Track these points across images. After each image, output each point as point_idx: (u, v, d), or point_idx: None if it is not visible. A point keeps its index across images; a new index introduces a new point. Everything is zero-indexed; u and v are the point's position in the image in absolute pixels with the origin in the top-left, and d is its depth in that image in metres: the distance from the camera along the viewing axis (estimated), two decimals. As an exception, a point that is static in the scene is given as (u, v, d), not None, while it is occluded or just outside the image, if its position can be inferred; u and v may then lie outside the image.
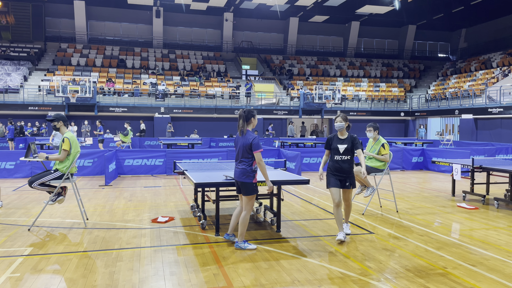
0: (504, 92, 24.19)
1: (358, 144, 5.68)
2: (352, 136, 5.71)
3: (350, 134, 5.75)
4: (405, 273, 4.55)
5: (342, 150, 5.65)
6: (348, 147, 5.66)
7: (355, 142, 5.68)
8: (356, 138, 5.70)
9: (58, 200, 6.53)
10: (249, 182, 5.23)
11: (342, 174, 5.66)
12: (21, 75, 27.58)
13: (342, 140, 5.71)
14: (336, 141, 5.73)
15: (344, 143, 5.69)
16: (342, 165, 5.65)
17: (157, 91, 27.53)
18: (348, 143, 5.67)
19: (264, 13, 34.38)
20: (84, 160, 12.73)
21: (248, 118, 5.30)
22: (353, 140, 5.70)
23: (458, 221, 7.00)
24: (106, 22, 34.36)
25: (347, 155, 5.67)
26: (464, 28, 38.68)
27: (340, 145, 5.67)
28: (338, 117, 5.69)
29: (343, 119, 5.70)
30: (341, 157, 5.65)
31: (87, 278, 4.35)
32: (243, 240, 5.36)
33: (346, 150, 5.66)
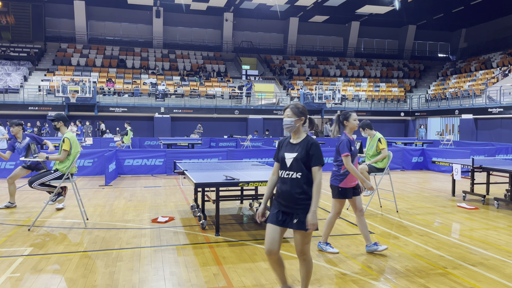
0: (504, 92, 24.19)
1: (315, 156, 3.45)
2: (310, 141, 3.52)
3: (309, 137, 3.57)
4: (405, 273, 4.55)
5: (289, 162, 3.49)
6: (299, 158, 3.46)
7: (311, 152, 3.46)
8: (315, 144, 3.51)
9: (58, 200, 6.53)
10: (335, 185, 5.14)
11: (286, 203, 3.47)
12: (21, 75, 27.58)
13: (292, 146, 3.57)
14: (285, 147, 3.62)
15: (294, 150, 3.53)
16: (288, 188, 3.46)
17: (157, 91, 27.53)
18: (300, 152, 3.48)
19: (264, 13, 34.39)
20: (84, 160, 12.73)
21: (341, 121, 5.18)
22: (310, 147, 3.48)
23: (458, 221, 7.00)
24: (106, 22, 34.36)
25: (297, 170, 3.45)
26: (464, 28, 38.69)
27: (287, 154, 3.53)
28: (287, 109, 3.63)
29: (294, 113, 3.59)
30: (288, 173, 3.49)
31: (87, 278, 4.35)
32: (325, 242, 5.26)
33: (296, 162, 3.47)
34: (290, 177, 3.49)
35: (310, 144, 3.51)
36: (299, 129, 3.62)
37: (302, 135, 3.63)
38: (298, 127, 3.61)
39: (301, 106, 3.66)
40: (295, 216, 3.43)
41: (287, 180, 3.50)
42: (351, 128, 5.13)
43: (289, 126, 3.59)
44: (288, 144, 3.65)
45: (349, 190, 5.10)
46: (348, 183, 5.07)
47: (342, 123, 5.17)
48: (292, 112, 3.59)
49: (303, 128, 3.65)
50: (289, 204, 3.47)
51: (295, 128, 3.59)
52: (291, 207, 3.46)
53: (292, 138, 3.66)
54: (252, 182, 5.82)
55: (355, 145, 5.15)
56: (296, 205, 3.44)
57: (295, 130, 3.60)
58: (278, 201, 3.56)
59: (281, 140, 3.75)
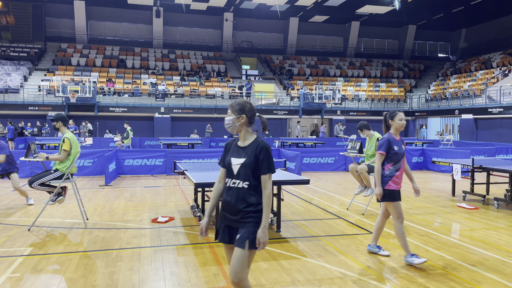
0: (504, 92, 24.19)
1: (265, 162, 2.96)
2: (260, 144, 3.02)
3: (259, 140, 3.06)
4: (405, 273, 4.55)
5: (236, 169, 3.01)
6: (247, 164, 2.98)
7: (261, 157, 2.97)
8: (265, 148, 2.99)
9: (58, 200, 6.53)
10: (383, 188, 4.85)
11: (231, 217, 3.01)
12: (21, 75, 27.58)
13: (240, 150, 3.08)
14: (233, 151, 3.13)
15: (241, 155, 3.04)
16: (233, 199, 2.99)
17: (157, 91, 27.54)
18: (248, 157, 3.00)
19: (264, 13, 34.39)
20: (84, 160, 12.73)
21: (387, 120, 5.00)
22: (260, 151, 2.99)
23: (458, 221, 7.00)
24: (106, 22, 34.36)
25: (244, 179, 2.98)
26: (464, 28, 38.69)
27: (234, 159, 3.05)
28: (229, 107, 3.14)
29: (234, 110, 3.10)
30: (235, 182, 3.01)
31: (87, 278, 4.35)
32: (409, 254, 4.80)
33: (243, 169, 2.99)
34: (236, 186, 3.01)
35: (260, 147, 3.00)
36: (242, 129, 3.12)
37: (250, 137, 3.12)
38: (239, 127, 3.10)
39: (242, 103, 3.14)
40: (239, 232, 2.96)
41: (233, 189, 3.02)
42: (396, 128, 4.94)
43: (228, 125, 3.13)
44: (235, 148, 3.14)
45: (396, 191, 4.84)
46: (394, 185, 4.83)
47: (388, 122, 5.00)
48: (231, 109, 3.13)
49: (249, 128, 3.15)
50: (234, 217, 3.00)
51: (236, 128, 3.10)
52: (236, 221, 2.99)
53: (240, 140, 3.15)
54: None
55: (402, 145, 4.91)
56: (242, 219, 2.97)
57: (239, 131, 3.12)
58: (223, 214, 3.10)
59: (229, 142, 3.23)
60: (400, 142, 4.91)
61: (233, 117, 3.10)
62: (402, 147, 4.91)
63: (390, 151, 4.82)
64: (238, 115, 3.08)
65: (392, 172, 4.83)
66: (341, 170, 14.42)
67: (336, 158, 14.50)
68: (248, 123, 3.12)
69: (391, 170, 4.83)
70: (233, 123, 3.11)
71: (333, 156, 14.51)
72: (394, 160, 4.82)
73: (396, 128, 4.94)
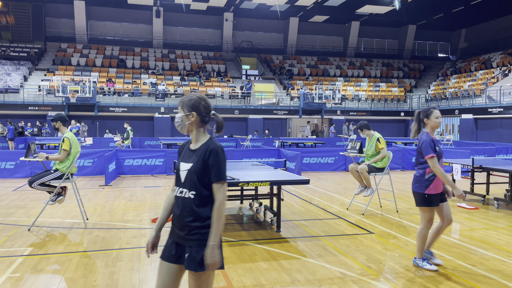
0: (504, 92, 24.19)
1: (215, 168, 2.55)
2: (210, 146, 2.60)
3: (210, 141, 2.64)
4: (405, 273, 4.55)
5: (184, 176, 2.62)
6: (193, 170, 2.58)
7: (210, 162, 2.56)
8: (215, 151, 2.58)
9: (58, 200, 6.53)
10: (420, 192, 4.56)
11: (178, 232, 2.62)
12: (21, 75, 27.58)
13: (190, 154, 2.68)
14: (184, 154, 2.74)
15: (190, 159, 2.64)
16: (179, 212, 2.61)
17: (157, 91, 27.54)
18: (196, 161, 2.60)
19: (264, 13, 34.39)
20: (84, 160, 12.73)
21: (422, 119, 4.70)
22: (209, 155, 2.57)
23: (458, 221, 7.00)
24: (106, 22, 34.36)
25: (190, 188, 2.58)
26: (464, 28, 38.69)
27: (183, 164, 2.66)
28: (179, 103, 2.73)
29: (184, 106, 2.69)
30: (182, 191, 2.62)
31: (87, 278, 4.35)
32: (421, 258, 4.71)
33: (190, 176, 2.59)
34: (182, 196, 2.60)
35: (209, 151, 2.57)
36: (194, 129, 2.68)
37: (202, 138, 2.68)
38: (190, 126, 2.68)
39: (194, 98, 2.68)
40: (187, 250, 2.54)
41: (180, 199, 2.62)
42: (432, 127, 4.65)
43: (178, 124, 2.72)
44: (187, 151, 2.73)
45: (435, 196, 4.54)
46: (435, 189, 4.52)
47: (423, 121, 4.70)
48: (180, 106, 2.70)
49: (203, 128, 2.70)
50: (181, 233, 2.58)
51: (186, 127, 2.68)
52: (182, 238, 2.57)
53: (192, 142, 2.73)
54: (252, 182, 5.82)
55: (439, 145, 4.65)
56: (187, 235, 2.54)
57: (190, 131, 2.70)
58: (172, 228, 2.70)
59: (183, 144, 2.83)
60: (438, 141, 4.64)
61: (182, 114, 2.68)
62: (440, 147, 4.66)
63: None
64: (188, 113, 2.66)
65: (432, 176, 4.53)
66: (341, 170, 14.42)
67: (336, 158, 14.50)
68: (200, 122, 2.68)
69: (431, 173, 4.53)
70: (182, 121, 2.69)
71: (333, 156, 14.51)
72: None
73: (432, 127, 4.65)
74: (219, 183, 2.55)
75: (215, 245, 2.47)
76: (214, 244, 2.47)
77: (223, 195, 2.56)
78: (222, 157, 2.59)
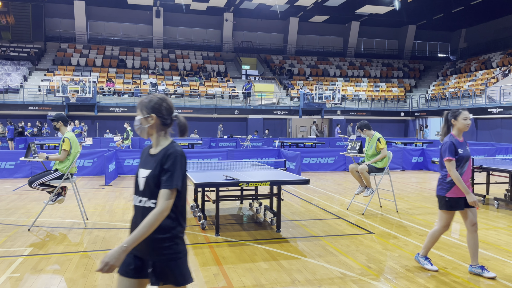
0: (504, 92, 24.19)
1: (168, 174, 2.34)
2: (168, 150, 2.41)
3: (170, 146, 2.45)
4: (405, 273, 4.55)
5: (142, 183, 2.45)
6: (152, 176, 2.39)
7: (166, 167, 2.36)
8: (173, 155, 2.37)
9: (58, 200, 6.53)
10: (441, 194, 4.46)
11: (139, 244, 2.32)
12: (21, 75, 27.58)
13: (149, 159, 2.50)
14: (143, 160, 2.56)
15: (149, 165, 2.46)
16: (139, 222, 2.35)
17: (157, 91, 27.53)
18: (155, 167, 2.41)
19: (264, 13, 34.39)
20: (84, 160, 12.73)
21: (449, 120, 4.55)
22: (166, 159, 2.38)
23: (458, 221, 7.00)
24: (106, 22, 34.36)
25: (151, 196, 2.39)
26: (464, 28, 38.69)
27: (142, 170, 2.49)
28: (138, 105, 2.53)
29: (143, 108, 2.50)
30: (140, 199, 2.44)
31: (87, 278, 4.35)
32: (424, 256, 4.69)
33: (148, 183, 2.41)
34: (142, 205, 2.40)
35: (167, 155, 2.38)
36: (154, 132, 2.48)
37: (163, 142, 2.48)
38: (150, 130, 2.48)
39: (154, 100, 2.48)
40: (149, 265, 2.37)
41: (139, 210, 2.42)
42: (459, 129, 4.48)
43: (137, 127, 2.52)
44: (146, 156, 2.53)
45: (459, 200, 4.39)
46: (456, 193, 4.38)
47: (450, 122, 4.55)
48: (139, 107, 2.50)
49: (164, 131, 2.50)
50: (141, 246, 2.33)
51: (146, 130, 2.48)
52: (143, 251, 2.37)
53: (152, 147, 2.54)
54: (252, 182, 5.82)
55: (466, 147, 4.47)
56: (149, 248, 2.34)
57: (150, 134, 2.49)
58: None
59: (145, 149, 2.62)
60: (463, 143, 4.48)
61: (141, 117, 2.48)
62: (467, 149, 4.48)
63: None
64: (147, 115, 2.46)
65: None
66: (341, 170, 14.42)
67: (336, 158, 14.50)
68: (161, 125, 2.48)
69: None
70: (141, 124, 2.49)
71: (333, 156, 14.51)
72: (458, 165, 4.40)
73: (459, 129, 4.49)
74: (167, 190, 2.31)
75: (126, 247, 2.22)
76: (125, 246, 2.22)
77: (167, 205, 2.30)
78: (180, 163, 2.37)
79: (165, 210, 2.30)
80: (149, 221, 2.26)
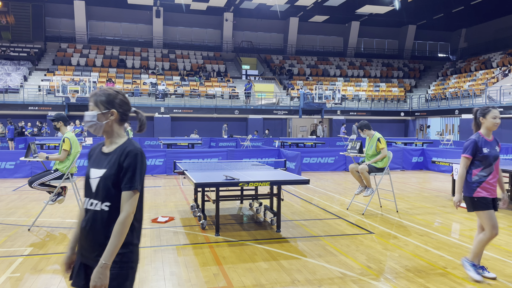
0: (504, 92, 24.19)
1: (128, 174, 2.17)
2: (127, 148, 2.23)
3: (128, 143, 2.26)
4: (405, 273, 4.55)
5: (95, 184, 2.24)
6: (107, 177, 2.20)
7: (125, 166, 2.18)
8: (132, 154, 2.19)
9: (58, 200, 6.53)
10: (468, 195, 4.29)
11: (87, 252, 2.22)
12: (21, 75, 27.59)
13: (103, 158, 2.29)
14: (94, 159, 2.34)
15: (103, 164, 2.25)
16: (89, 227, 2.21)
17: (157, 91, 27.54)
18: (110, 166, 2.22)
19: (264, 13, 34.39)
20: (84, 160, 12.72)
21: (478, 118, 4.43)
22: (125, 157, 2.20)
23: (458, 221, 7.00)
24: (106, 22, 34.36)
25: (104, 199, 2.20)
26: (464, 28, 38.69)
27: (94, 170, 2.27)
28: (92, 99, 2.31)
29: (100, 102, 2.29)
30: (92, 202, 2.23)
31: (87, 278, 4.34)
32: (472, 262, 4.37)
33: (103, 183, 2.21)
34: (93, 208, 2.19)
35: (126, 153, 2.19)
36: (110, 129, 2.29)
37: (118, 139, 2.28)
38: (107, 126, 2.27)
39: (111, 93, 2.29)
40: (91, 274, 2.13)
41: (89, 214, 2.20)
42: (488, 127, 4.33)
43: (91, 124, 2.27)
44: (98, 154, 2.31)
45: (486, 200, 4.21)
46: (484, 192, 4.21)
47: (479, 120, 4.41)
48: (94, 101, 2.27)
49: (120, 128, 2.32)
50: (91, 254, 2.16)
51: (102, 128, 2.26)
52: (93, 260, 2.14)
53: (105, 144, 2.34)
54: (252, 182, 5.83)
55: (495, 146, 4.31)
56: (100, 257, 2.11)
57: (106, 131, 2.29)
58: (79, 248, 2.26)
59: (94, 147, 2.40)
60: (493, 143, 4.33)
61: (97, 112, 2.26)
62: (496, 149, 4.31)
63: (477, 154, 4.26)
64: (106, 110, 2.26)
65: (481, 178, 4.27)
66: (341, 170, 14.43)
67: (336, 158, 14.50)
68: (119, 120, 2.31)
69: (480, 175, 4.27)
70: (98, 121, 2.26)
71: (333, 156, 14.51)
72: (484, 164, 4.27)
73: (488, 128, 4.35)
74: (130, 192, 2.15)
75: (107, 264, 2.07)
76: (106, 264, 2.07)
77: (132, 207, 2.15)
78: (141, 162, 2.20)
79: (132, 213, 2.16)
80: (119, 230, 2.12)
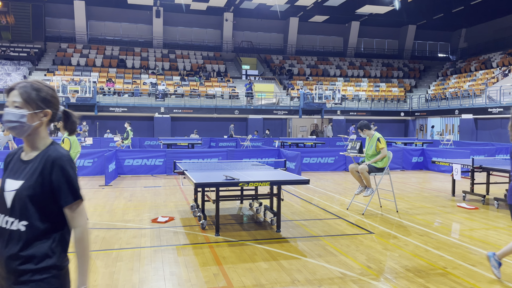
0: (504, 92, 24.19)
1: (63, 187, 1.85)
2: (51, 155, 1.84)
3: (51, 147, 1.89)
4: (405, 273, 4.55)
5: (10, 198, 1.82)
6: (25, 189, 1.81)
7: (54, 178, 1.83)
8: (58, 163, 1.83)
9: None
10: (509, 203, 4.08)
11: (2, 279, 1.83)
12: (21, 75, 27.59)
13: (21, 167, 1.88)
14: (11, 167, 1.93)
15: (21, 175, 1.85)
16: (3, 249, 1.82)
17: (157, 91, 27.54)
18: (29, 177, 1.83)
19: (264, 13, 34.39)
20: (84, 160, 12.73)
21: None
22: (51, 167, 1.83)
23: (458, 221, 7.00)
24: (106, 22, 34.37)
25: (22, 216, 1.80)
26: (464, 28, 38.69)
27: (10, 182, 1.86)
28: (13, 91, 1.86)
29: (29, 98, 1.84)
30: (7, 220, 1.82)
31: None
32: (500, 261, 4.28)
33: (19, 198, 1.81)
34: (8, 227, 1.81)
35: (51, 163, 1.82)
36: (37, 132, 1.89)
37: (41, 143, 1.90)
38: (34, 128, 1.87)
39: (44, 88, 1.88)
40: None
41: (4, 233, 1.82)
42: None
43: (15, 126, 1.83)
44: (16, 162, 1.92)
45: None
46: None
47: None
48: (21, 96, 1.83)
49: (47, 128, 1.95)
50: (6, 281, 1.81)
51: (30, 129, 1.86)
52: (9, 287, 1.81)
53: (25, 150, 1.93)
54: (252, 182, 5.83)
55: None
56: (17, 284, 1.78)
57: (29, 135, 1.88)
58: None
59: (11, 153, 1.99)
60: None
61: (28, 112, 1.83)
62: None
63: None
64: (39, 110, 1.86)
65: None
66: (341, 170, 14.42)
67: (336, 158, 14.50)
68: (49, 122, 1.94)
69: None
70: (26, 122, 1.83)
71: (333, 156, 14.51)
72: None
73: None
74: (75, 204, 1.87)
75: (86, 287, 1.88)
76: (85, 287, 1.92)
77: (84, 218, 1.89)
78: (71, 169, 1.86)
79: (87, 225, 1.91)
80: (82, 249, 1.88)
